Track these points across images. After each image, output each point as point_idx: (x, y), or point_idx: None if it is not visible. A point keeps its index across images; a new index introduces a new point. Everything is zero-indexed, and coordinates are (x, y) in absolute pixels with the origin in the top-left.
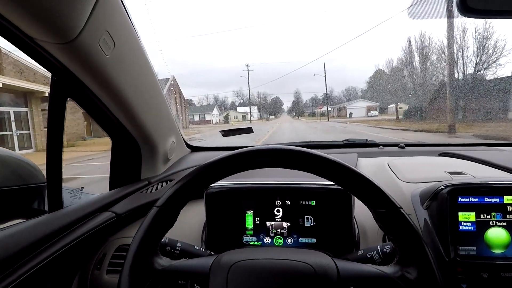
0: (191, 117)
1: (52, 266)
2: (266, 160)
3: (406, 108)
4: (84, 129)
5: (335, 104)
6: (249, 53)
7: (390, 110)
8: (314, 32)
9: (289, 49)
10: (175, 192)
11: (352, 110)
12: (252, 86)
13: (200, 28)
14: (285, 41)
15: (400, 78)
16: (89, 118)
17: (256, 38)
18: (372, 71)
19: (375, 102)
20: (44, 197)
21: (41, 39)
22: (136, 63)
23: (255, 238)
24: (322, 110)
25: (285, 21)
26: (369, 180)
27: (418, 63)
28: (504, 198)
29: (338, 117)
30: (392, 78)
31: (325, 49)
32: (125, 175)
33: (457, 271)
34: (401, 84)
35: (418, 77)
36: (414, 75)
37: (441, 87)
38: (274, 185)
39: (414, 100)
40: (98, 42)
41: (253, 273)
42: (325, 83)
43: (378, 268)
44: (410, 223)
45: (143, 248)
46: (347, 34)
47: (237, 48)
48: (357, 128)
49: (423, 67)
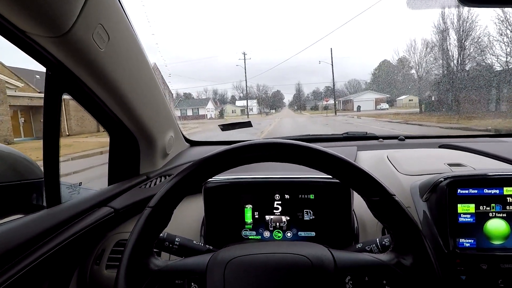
0: (183, 112)
1: (51, 261)
2: (258, 155)
3: (416, 100)
4: (10, 127)
5: (339, 97)
6: (247, 42)
7: (399, 103)
8: (315, 17)
9: (288, 37)
10: (168, 191)
11: (360, 102)
12: (250, 77)
13: (198, 18)
14: (283, 28)
15: (429, 63)
16: (29, 113)
17: (254, 26)
18: (377, 62)
19: (385, 94)
20: (42, 192)
21: (33, 32)
22: (132, 56)
23: (254, 232)
24: (328, 103)
25: (285, 8)
26: (361, 169)
27: (454, 44)
28: (503, 190)
29: (344, 111)
30: (416, 65)
31: (327, 36)
32: (123, 170)
33: (456, 262)
34: (425, 71)
35: (452, 62)
36: (448, 58)
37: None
38: (273, 179)
39: (441, 89)
40: (92, 36)
41: (250, 269)
42: (332, 71)
43: (374, 256)
44: (404, 209)
45: (138, 250)
46: (347, 17)
47: (234, 38)
48: (389, 126)
49: (462, 49)
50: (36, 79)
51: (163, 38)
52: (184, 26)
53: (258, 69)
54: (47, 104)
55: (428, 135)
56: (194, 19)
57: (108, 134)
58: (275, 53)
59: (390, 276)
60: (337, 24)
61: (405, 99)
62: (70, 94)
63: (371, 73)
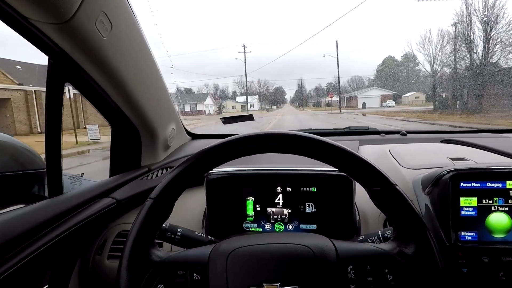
0: (180, 107)
1: (53, 251)
2: (260, 146)
3: (423, 97)
4: None
5: (342, 93)
6: (249, 36)
7: (404, 100)
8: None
9: (289, 31)
10: (169, 182)
11: (365, 99)
12: (251, 71)
13: (199, 10)
14: (284, 22)
15: (447, 56)
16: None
17: (256, 20)
18: (381, 59)
19: (391, 90)
20: (44, 182)
21: (35, 18)
22: (135, 46)
23: (256, 225)
24: (333, 99)
25: (287, 1)
26: (362, 159)
27: (479, 35)
28: (506, 183)
29: (348, 108)
30: (431, 58)
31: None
32: (125, 162)
33: (457, 255)
34: (443, 64)
35: (475, 53)
36: (471, 50)
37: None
38: (274, 171)
39: (463, 85)
40: (95, 23)
41: (252, 259)
42: (337, 64)
43: (376, 246)
44: (406, 199)
45: (140, 242)
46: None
47: (236, 32)
48: (412, 125)
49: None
50: (17, 70)
51: (165, 30)
52: (186, 19)
53: (260, 63)
54: (49, 94)
55: (430, 130)
56: (196, 11)
57: (110, 125)
58: (277, 47)
59: (392, 265)
60: (340, 17)
61: (411, 96)
62: (72, 84)
63: (375, 69)
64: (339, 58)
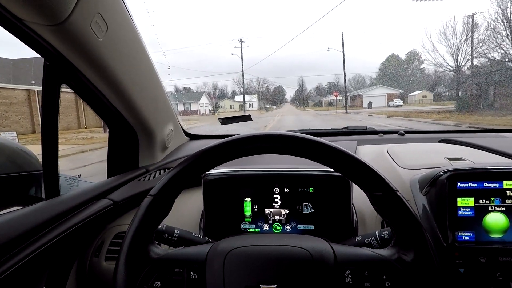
0: (174, 107)
1: (50, 252)
2: (258, 147)
3: (431, 96)
4: None
5: (346, 92)
6: (248, 32)
7: (411, 99)
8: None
9: (289, 27)
10: (169, 180)
11: (370, 98)
12: (248, 67)
13: (197, 8)
14: (284, 19)
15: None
16: None
17: (255, 17)
18: (383, 57)
19: (397, 89)
20: (41, 184)
21: (30, 20)
22: (131, 47)
23: (254, 225)
24: (338, 98)
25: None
26: (364, 164)
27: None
28: (503, 183)
29: (352, 107)
30: (455, 49)
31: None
32: (122, 163)
33: (454, 256)
34: (468, 58)
35: None
36: (502, 46)
37: None
38: (272, 172)
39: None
40: (90, 25)
41: (250, 260)
42: (343, 59)
43: (375, 251)
44: (407, 205)
45: (138, 238)
46: None
47: (235, 31)
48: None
49: None
50: None
51: (160, 27)
52: (183, 16)
53: (258, 59)
54: (45, 95)
55: (428, 130)
56: (191, 4)
57: (108, 126)
58: (275, 42)
59: (390, 272)
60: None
61: (418, 95)
62: (69, 85)
63: (377, 67)
64: (339, 57)
